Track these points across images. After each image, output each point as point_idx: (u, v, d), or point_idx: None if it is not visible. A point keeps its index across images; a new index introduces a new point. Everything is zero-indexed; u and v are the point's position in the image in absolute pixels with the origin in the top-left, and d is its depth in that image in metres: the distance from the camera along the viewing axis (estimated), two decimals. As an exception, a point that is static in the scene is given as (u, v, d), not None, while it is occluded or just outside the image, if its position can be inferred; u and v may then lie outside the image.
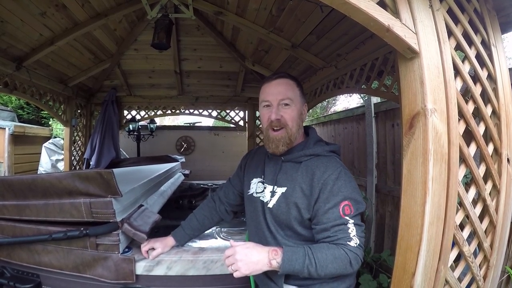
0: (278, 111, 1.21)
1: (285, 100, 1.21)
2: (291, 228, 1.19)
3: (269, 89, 1.25)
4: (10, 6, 2.23)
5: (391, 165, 3.03)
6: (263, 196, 1.27)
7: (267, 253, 1.06)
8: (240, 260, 1.04)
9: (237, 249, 1.07)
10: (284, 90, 1.22)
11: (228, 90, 4.62)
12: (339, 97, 11.23)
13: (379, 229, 3.15)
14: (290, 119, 1.21)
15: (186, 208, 3.48)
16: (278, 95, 1.22)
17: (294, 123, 1.22)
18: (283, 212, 1.18)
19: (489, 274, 1.26)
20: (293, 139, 1.23)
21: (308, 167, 1.18)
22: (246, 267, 1.04)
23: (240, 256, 1.05)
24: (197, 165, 5.47)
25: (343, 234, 1.06)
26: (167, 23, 2.70)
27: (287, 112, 1.21)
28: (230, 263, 1.07)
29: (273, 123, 1.21)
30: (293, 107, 1.22)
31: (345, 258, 1.04)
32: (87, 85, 4.28)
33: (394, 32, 0.98)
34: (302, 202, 1.14)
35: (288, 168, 1.23)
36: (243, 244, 1.10)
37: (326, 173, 1.13)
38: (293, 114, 1.22)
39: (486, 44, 1.27)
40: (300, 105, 1.26)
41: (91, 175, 1.31)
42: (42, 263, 1.43)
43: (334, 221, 1.07)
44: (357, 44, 2.21)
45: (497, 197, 1.25)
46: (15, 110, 7.12)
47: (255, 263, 1.04)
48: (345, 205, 1.08)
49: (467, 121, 1.15)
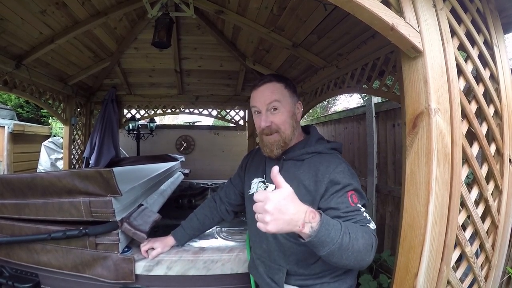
0: (268, 118, 1.21)
1: (273, 104, 1.20)
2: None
3: (257, 95, 1.25)
4: (10, 4, 2.21)
5: (391, 165, 3.02)
6: None
7: (304, 213, 0.85)
8: (271, 213, 0.83)
9: (271, 196, 0.84)
10: (270, 94, 1.21)
11: (228, 89, 4.61)
12: (340, 97, 11.24)
13: (379, 229, 3.15)
14: (281, 123, 1.21)
15: (186, 208, 3.48)
16: (266, 101, 1.21)
17: (286, 125, 1.22)
18: None
19: (491, 274, 1.26)
20: (288, 141, 1.23)
21: (311, 164, 1.18)
22: (274, 224, 0.83)
23: (272, 208, 0.83)
24: (197, 164, 5.46)
25: (361, 217, 1.03)
26: (168, 21, 2.69)
27: (276, 116, 1.21)
28: (258, 211, 0.86)
29: (265, 130, 1.22)
30: (283, 110, 1.21)
31: (370, 237, 0.95)
32: (87, 84, 4.27)
33: (398, 31, 0.98)
34: (306, 199, 1.12)
35: (290, 166, 1.23)
36: (279, 191, 0.86)
37: (330, 167, 1.13)
38: (283, 118, 1.21)
39: (489, 44, 1.27)
40: (290, 106, 1.24)
41: (91, 174, 1.30)
42: (41, 262, 1.42)
43: (347, 207, 1.04)
44: (358, 44, 2.20)
45: (499, 197, 1.25)
46: (14, 109, 7.11)
47: (287, 222, 0.83)
48: (352, 195, 1.07)
49: (470, 121, 1.14)
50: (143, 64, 4.00)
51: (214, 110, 4.91)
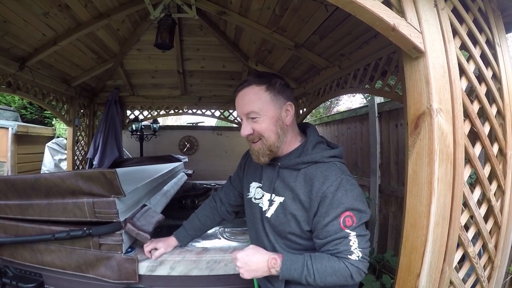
0: (248, 125, 1.15)
1: (250, 114, 1.13)
2: (289, 240, 1.16)
3: (236, 102, 1.18)
4: (13, 6, 2.23)
5: (394, 165, 3.02)
6: (261, 203, 1.23)
7: (267, 261, 1.09)
8: (241, 267, 1.11)
9: (238, 256, 1.13)
10: (247, 102, 1.13)
11: (231, 90, 4.61)
12: (342, 97, 11.21)
13: (383, 229, 3.14)
14: (262, 131, 1.13)
15: (189, 208, 3.48)
16: (243, 109, 1.14)
17: (269, 133, 1.13)
18: (281, 223, 1.14)
19: (494, 275, 1.25)
20: (274, 149, 1.15)
21: (307, 175, 1.12)
22: (247, 274, 1.11)
23: (241, 264, 1.11)
24: (200, 165, 5.47)
25: (344, 247, 1.02)
26: (170, 23, 2.70)
27: (257, 124, 1.13)
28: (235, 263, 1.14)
29: (248, 137, 1.17)
30: (263, 118, 1.12)
31: (345, 271, 1.02)
32: (90, 85, 4.29)
33: (400, 31, 0.98)
34: (301, 215, 1.10)
35: (286, 176, 1.17)
36: (244, 251, 1.14)
37: (324, 185, 1.06)
38: (263, 125, 1.12)
39: (491, 43, 1.27)
40: (273, 111, 1.13)
41: (95, 174, 1.31)
42: (44, 262, 1.43)
43: (335, 234, 1.03)
44: (360, 44, 2.20)
45: (501, 197, 1.24)
46: (18, 110, 7.14)
47: (255, 271, 1.10)
48: (346, 217, 1.03)
49: (472, 121, 1.14)
50: (146, 65, 4.02)
51: (217, 110, 4.92)
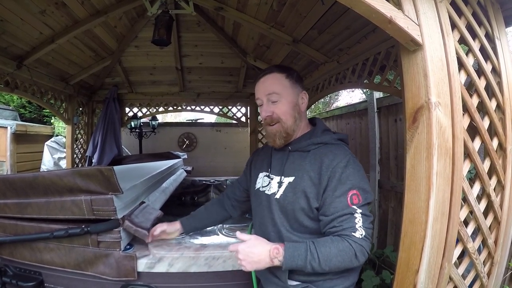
0: (269, 108, 1.23)
1: (272, 96, 1.22)
2: (297, 220, 1.17)
3: (258, 87, 1.28)
4: (9, 5, 2.22)
5: (394, 160, 3.01)
6: (268, 189, 1.27)
7: (269, 252, 1.07)
8: (243, 259, 1.08)
9: (239, 248, 1.10)
10: (270, 85, 1.23)
11: (229, 86, 4.60)
12: (342, 92, 11.17)
13: (382, 225, 3.14)
14: (281, 113, 1.22)
15: (188, 205, 3.49)
16: (265, 91, 1.24)
17: (287, 116, 1.22)
18: (290, 202, 1.17)
19: (493, 270, 1.25)
20: (291, 132, 1.24)
21: (317, 155, 1.17)
22: (249, 266, 1.08)
23: (242, 256, 1.08)
24: (199, 161, 5.46)
25: (349, 224, 1.05)
26: (167, 19, 2.68)
27: (277, 107, 1.22)
28: (236, 256, 1.11)
29: (267, 120, 1.24)
30: (283, 101, 1.22)
31: (350, 250, 1.03)
32: (88, 83, 4.27)
33: (397, 24, 0.96)
34: (311, 191, 1.13)
35: (296, 158, 1.23)
36: (245, 242, 1.11)
37: (334, 161, 1.12)
38: (283, 109, 1.22)
39: (490, 37, 1.25)
40: (292, 96, 1.24)
41: (92, 172, 1.31)
42: (44, 261, 1.43)
43: (341, 210, 1.06)
44: (359, 39, 2.18)
45: (501, 192, 1.24)
46: (17, 109, 7.13)
47: (257, 262, 1.07)
48: (353, 194, 1.07)
49: (472, 115, 1.13)
50: (144, 62, 4.00)
51: (216, 107, 4.90)
